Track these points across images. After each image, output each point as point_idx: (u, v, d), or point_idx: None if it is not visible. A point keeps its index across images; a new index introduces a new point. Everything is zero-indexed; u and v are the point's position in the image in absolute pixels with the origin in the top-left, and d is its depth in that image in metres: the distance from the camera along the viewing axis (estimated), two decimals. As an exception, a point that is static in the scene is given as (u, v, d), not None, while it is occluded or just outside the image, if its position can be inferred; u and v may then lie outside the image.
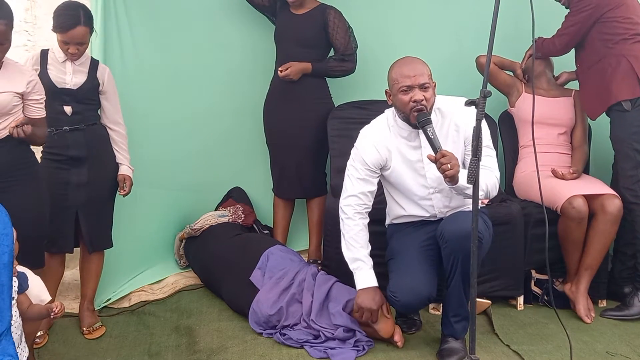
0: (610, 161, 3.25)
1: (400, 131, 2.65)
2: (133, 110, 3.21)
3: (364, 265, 2.65)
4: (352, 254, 2.66)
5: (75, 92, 2.74)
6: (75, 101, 2.75)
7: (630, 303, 3.07)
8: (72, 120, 2.74)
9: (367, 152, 2.64)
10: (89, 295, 2.95)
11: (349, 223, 2.67)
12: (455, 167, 2.36)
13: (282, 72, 3.32)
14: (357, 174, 2.66)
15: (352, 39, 3.45)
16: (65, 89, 2.72)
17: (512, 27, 3.23)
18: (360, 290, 2.65)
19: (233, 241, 3.30)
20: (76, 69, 2.75)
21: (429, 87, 2.52)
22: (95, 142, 2.81)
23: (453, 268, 2.54)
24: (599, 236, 3.01)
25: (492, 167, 2.62)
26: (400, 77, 2.52)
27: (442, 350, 2.64)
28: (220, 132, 3.68)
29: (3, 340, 1.95)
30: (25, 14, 3.12)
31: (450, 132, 2.61)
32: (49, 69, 2.70)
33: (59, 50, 2.72)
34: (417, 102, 2.48)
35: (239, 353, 2.69)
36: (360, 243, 2.65)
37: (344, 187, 2.71)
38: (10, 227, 2.08)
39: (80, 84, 2.75)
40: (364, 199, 2.66)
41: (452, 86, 3.09)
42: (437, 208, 2.69)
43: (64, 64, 2.73)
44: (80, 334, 2.87)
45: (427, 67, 2.56)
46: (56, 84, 2.69)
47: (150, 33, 3.36)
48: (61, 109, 2.72)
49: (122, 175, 2.89)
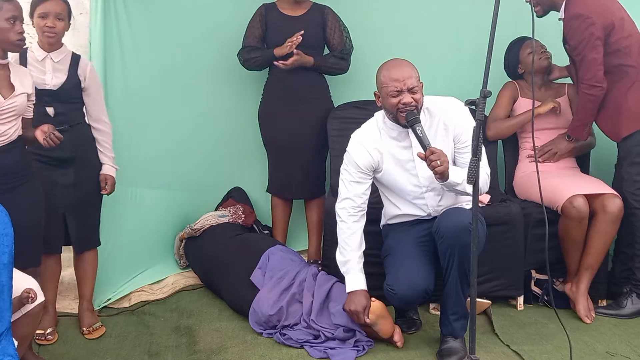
0: (610, 161, 3.25)
1: (390, 132, 2.67)
2: (133, 110, 3.22)
3: (352, 270, 2.69)
4: (343, 257, 2.71)
5: (56, 93, 2.69)
6: (57, 102, 2.70)
7: (623, 304, 3.08)
8: (55, 122, 2.65)
9: (359, 155, 2.67)
10: (87, 295, 2.95)
11: (342, 226, 2.71)
12: (444, 163, 2.39)
13: (290, 61, 3.27)
14: (351, 177, 2.69)
15: (347, 39, 3.46)
16: (45, 90, 2.67)
17: (512, 28, 3.22)
18: (349, 294, 2.69)
19: (233, 241, 3.30)
20: (56, 67, 2.70)
21: (417, 90, 2.54)
22: (80, 143, 2.77)
23: (450, 263, 2.54)
24: (599, 236, 3.01)
25: (483, 163, 2.63)
26: (389, 80, 2.54)
27: (442, 351, 2.64)
28: (220, 132, 3.68)
29: (3, 340, 1.96)
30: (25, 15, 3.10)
31: (439, 130, 2.64)
32: (29, 70, 2.64)
33: (37, 49, 2.69)
34: (406, 104, 2.51)
35: (239, 353, 2.69)
36: (351, 246, 2.68)
37: (339, 191, 2.74)
38: (10, 228, 2.08)
39: (61, 84, 2.70)
40: (357, 201, 2.69)
41: (452, 86, 3.10)
42: (430, 206, 2.71)
43: (43, 63, 2.69)
44: (80, 334, 2.87)
45: (415, 69, 2.58)
46: (36, 86, 2.62)
47: (150, 33, 3.36)
48: (44, 111, 2.68)
49: (104, 175, 2.86)
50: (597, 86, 3.00)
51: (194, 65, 3.55)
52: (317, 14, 3.43)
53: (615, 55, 3.01)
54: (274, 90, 3.48)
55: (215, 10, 3.54)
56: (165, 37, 3.42)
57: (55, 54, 2.71)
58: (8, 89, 2.41)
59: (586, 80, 3.03)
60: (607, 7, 3.03)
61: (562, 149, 3.28)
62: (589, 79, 3.01)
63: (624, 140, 3.05)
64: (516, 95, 3.43)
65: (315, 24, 3.41)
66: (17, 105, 2.42)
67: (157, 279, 3.42)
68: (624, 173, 3.08)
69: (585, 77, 3.03)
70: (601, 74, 3.00)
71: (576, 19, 2.99)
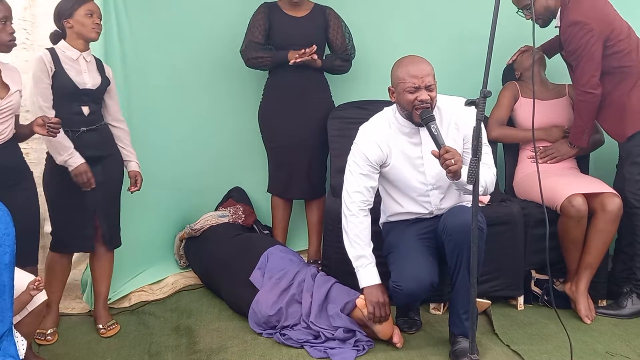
0: (610, 161, 3.25)
1: (401, 128, 2.67)
2: (133, 110, 3.22)
3: (367, 263, 2.66)
4: (356, 252, 2.66)
5: (93, 93, 2.73)
6: (92, 101, 2.75)
7: (623, 304, 3.08)
8: (88, 121, 2.72)
9: (369, 149, 2.66)
10: (104, 294, 2.97)
11: (353, 220, 2.67)
12: (458, 162, 2.41)
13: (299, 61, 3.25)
14: (360, 170, 2.66)
15: (350, 40, 3.46)
16: (86, 89, 2.70)
17: (512, 28, 3.22)
18: (366, 288, 2.65)
19: (233, 241, 3.30)
20: (89, 67, 2.74)
21: (433, 88, 2.55)
22: (108, 141, 2.83)
23: (458, 262, 2.54)
24: (599, 235, 3.01)
25: (490, 163, 2.66)
26: (407, 76, 2.54)
27: (455, 351, 2.62)
28: (221, 132, 3.68)
29: (4, 341, 1.95)
30: (24, 12, 3.11)
31: (451, 130, 2.64)
32: (66, 70, 2.66)
33: (68, 47, 2.69)
34: (422, 101, 2.52)
35: (239, 353, 2.69)
36: (364, 241, 2.66)
37: (347, 183, 2.70)
38: (12, 227, 2.07)
39: (98, 84, 2.74)
40: (367, 195, 2.67)
41: (452, 86, 3.08)
42: (433, 204, 2.71)
43: (78, 62, 2.71)
44: (81, 333, 2.87)
45: (431, 67, 2.58)
46: (78, 85, 2.67)
47: (150, 33, 3.36)
48: (78, 110, 2.70)
49: (134, 172, 2.92)
50: (591, 92, 3.02)
51: (194, 65, 3.55)
52: (319, 15, 3.44)
53: (614, 58, 3.02)
54: (274, 89, 3.48)
55: (215, 10, 3.54)
56: (165, 37, 3.43)
57: (87, 53, 2.74)
58: (3, 88, 2.43)
59: (580, 86, 3.05)
60: (603, 12, 3.04)
61: (564, 153, 3.29)
62: (583, 85, 3.03)
63: (627, 140, 3.05)
64: (517, 95, 3.43)
65: (318, 24, 3.42)
66: (13, 103, 2.44)
67: (157, 279, 3.42)
68: (625, 173, 3.08)
69: (579, 82, 3.06)
70: (595, 80, 3.01)
71: (574, 26, 2.99)
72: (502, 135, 3.39)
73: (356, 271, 2.67)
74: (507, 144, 3.54)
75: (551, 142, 3.33)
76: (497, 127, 3.38)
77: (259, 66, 3.42)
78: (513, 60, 3.50)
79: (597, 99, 3.04)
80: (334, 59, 3.45)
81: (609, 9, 3.07)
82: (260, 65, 3.41)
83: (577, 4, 3.02)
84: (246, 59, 3.42)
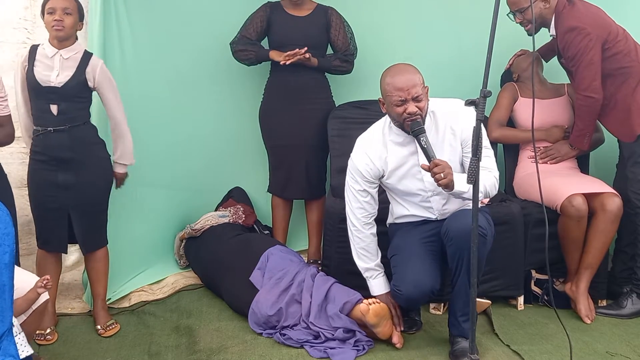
0: (610, 161, 3.25)
1: (395, 138, 2.67)
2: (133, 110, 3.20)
3: (377, 274, 2.81)
4: (365, 264, 2.79)
5: (60, 90, 2.68)
6: (61, 99, 2.69)
7: (623, 304, 3.08)
8: (57, 120, 2.68)
9: (363, 165, 2.68)
10: (102, 294, 2.97)
11: (359, 235, 2.75)
12: (448, 175, 2.40)
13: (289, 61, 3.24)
14: (357, 186, 2.71)
15: (352, 41, 3.46)
16: (50, 87, 2.66)
17: (513, 28, 3.22)
18: (377, 296, 2.78)
19: (233, 241, 3.30)
20: (65, 64, 2.69)
21: (422, 98, 2.53)
22: (80, 144, 2.74)
23: (459, 266, 2.54)
24: (599, 235, 3.01)
25: (491, 167, 2.64)
26: (393, 89, 2.52)
27: (454, 351, 2.63)
28: (221, 132, 3.68)
29: (4, 341, 1.95)
30: (25, 12, 3.11)
31: (447, 135, 2.63)
32: (35, 66, 2.66)
33: (48, 46, 2.69)
34: (411, 114, 2.50)
35: (239, 353, 2.69)
36: (371, 253, 2.78)
37: (348, 200, 2.76)
38: (12, 227, 2.07)
39: (65, 82, 2.68)
40: (369, 208, 2.73)
41: (452, 87, 3.10)
42: (436, 209, 2.72)
43: (53, 59, 2.69)
44: (82, 333, 2.87)
45: (419, 75, 2.55)
46: (40, 82, 2.64)
47: (150, 33, 3.35)
48: (47, 108, 2.68)
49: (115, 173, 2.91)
50: (592, 97, 3.02)
51: (194, 65, 3.55)
52: (321, 15, 3.43)
53: (614, 60, 3.02)
54: (274, 90, 3.48)
55: (216, 10, 3.54)
56: (165, 38, 3.42)
57: (66, 51, 2.71)
58: None
59: (581, 90, 3.05)
60: (598, 16, 3.05)
61: (565, 153, 3.29)
62: (584, 90, 3.03)
63: (637, 139, 3.03)
64: (516, 95, 3.43)
65: (320, 24, 3.42)
66: None
67: (157, 279, 3.42)
68: (628, 173, 3.08)
69: (580, 87, 3.05)
70: (596, 84, 3.01)
71: (571, 32, 3.00)
72: (502, 136, 3.40)
73: (367, 281, 2.82)
74: (508, 145, 3.54)
75: (551, 143, 3.33)
76: (497, 127, 3.38)
77: (243, 59, 3.44)
78: (510, 64, 3.50)
79: (598, 104, 3.04)
80: (333, 59, 3.45)
81: (602, 14, 3.08)
82: (245, 58, 3.43)
83: (571, 11, 3.03)
84: (234, 51, 3.45)
